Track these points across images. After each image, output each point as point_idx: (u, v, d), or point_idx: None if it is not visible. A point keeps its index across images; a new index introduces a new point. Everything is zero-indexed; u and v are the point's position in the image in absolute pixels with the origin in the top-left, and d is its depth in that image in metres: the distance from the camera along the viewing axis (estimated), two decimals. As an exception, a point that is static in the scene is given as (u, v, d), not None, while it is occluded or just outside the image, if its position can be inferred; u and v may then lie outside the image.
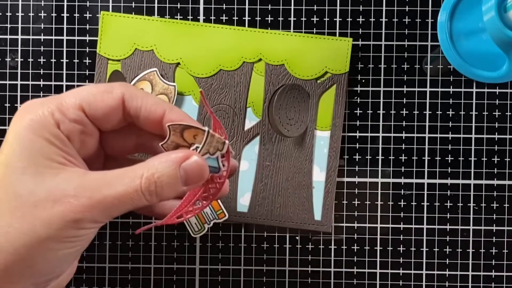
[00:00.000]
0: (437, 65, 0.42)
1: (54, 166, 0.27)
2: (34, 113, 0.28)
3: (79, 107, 0.29)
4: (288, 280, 0.42)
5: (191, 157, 0.28)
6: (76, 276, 0.42)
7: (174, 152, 0.28)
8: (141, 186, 0.27)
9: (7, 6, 0.42)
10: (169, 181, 0.27)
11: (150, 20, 0.42)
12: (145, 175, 0.27)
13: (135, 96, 0.30)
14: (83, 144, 0.30)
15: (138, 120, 0.31)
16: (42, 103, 0.29)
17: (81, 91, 0.30)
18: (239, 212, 0.42)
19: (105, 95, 0.29)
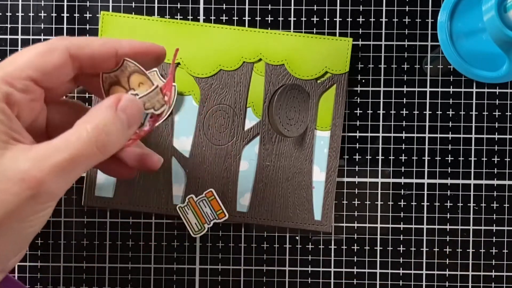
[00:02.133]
0: (437, 65, 0.42)
1: None
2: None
3: (27, 77, 0.27)
4: (288, 280, 0.42)
5: (122, 97, 0.28)
6: (76, 276, 0.42)
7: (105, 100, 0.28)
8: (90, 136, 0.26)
9: (7, 6, 0.42)
10: (114, 127, 0.27)
11: (150, 20, 0.42)
12: (89, 126, 0.26)
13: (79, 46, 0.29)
14: (31, 112, 0.28)
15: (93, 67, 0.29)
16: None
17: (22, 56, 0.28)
18: (239, 212, 0.42)
19: (50, 54, 0.28)
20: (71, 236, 0.42)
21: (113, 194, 0.42)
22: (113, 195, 0.42)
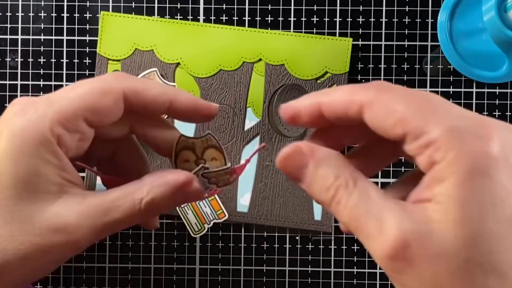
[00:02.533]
0: (437, 65, 0.42)
1: (53, 190, 0.25)
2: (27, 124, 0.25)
3: (80, 117, 0.26)
4: (288, 280, 0.42)
5: (192, 184, 0.27)
6: (76, 276, 0.42)
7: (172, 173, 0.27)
8: (141, 210, 0.26)
9: (7, 6, 0.42)
10: (166, 204, 0.27)
11: (150, 20, 0.42)
12: (145, 200, 0.26)
13: (136, 92, 0.28)
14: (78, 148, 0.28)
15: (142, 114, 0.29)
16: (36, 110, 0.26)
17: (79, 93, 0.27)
18: (239, 212, 0.42)
19: (105, 97, 0.27)
20: (71, 236, 0.42)
21: (113, 194, 0.42)
22: (113, 195, 0.42)
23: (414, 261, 0.21)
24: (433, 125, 0.21)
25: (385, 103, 0.23)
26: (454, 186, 0.21)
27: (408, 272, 0.21)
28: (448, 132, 0.21)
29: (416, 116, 0.22)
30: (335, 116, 0.24)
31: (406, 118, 0.22)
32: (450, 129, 0.21)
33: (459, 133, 0.21)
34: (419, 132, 0.22)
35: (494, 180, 0.21)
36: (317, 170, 0.24)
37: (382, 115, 0.23)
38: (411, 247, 0.21)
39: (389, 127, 0.22)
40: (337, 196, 0.23)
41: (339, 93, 0.24)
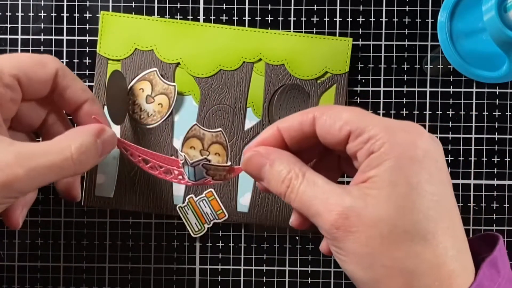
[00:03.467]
0: (437, 65, 0.42)
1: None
2: None
3: (15, 75, 0.30)
4: (288, 280, 0.42)
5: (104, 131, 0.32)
6: (76, 276, 0.42)
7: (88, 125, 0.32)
8: (72, 156, 0.29)
9: (7, 6, 0.42)
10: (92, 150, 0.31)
11: (150, 20, 0.42)
12: (74, 145, 0.29)
13: (67, 75, 0.33)
14: (8, 111, 0.31)
15: (61, 98, 0.33)
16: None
17: (17, 58, 0.31)
18: (239, 212, 0.42)
19: (41, 68, 0.31)
20: (71, 236, 0.42)
21: (113, 194, 0.42)
22: (113, 195, 0.42)
23: (353, 229, 0.25)
24: (372, 125, 0.26)
25: (332, 113, 0.28)
26: (386, 169, 0.25)
27: (348, 238, 0.25)
28: (384, 129, 0.26)
29: (358, 119, 0.27)
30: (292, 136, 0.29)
31: (350, 121, 0.27)
32: (385, 127, 0.26)
33: (393, 130, 0.26)
34: (361, 131, 0.27)
35: (421, 165, 0.25)
36: (273, 168, 0.29)
37: (331, 121, 0.28)
38: (350, 217, 0.25)
39: (337, 130, 0.27)
40: (290, 186, 0.28)
41: (295, 115, 0.29)
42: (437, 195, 0.25)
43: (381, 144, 0.26)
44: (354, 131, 0.27)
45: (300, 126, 0.29)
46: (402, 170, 0.25)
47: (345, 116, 0.27)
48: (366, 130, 0.26)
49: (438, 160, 0.26)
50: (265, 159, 0.29)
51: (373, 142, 0.26)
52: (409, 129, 0.27)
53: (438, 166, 0.26)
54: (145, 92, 0.42)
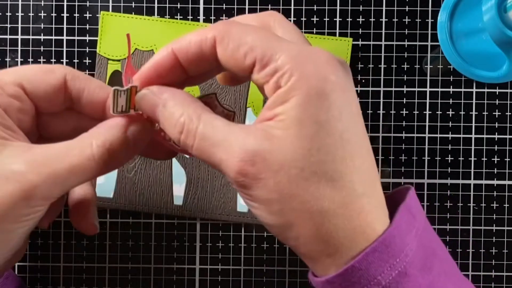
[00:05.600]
0: (437, 65, 0.42)
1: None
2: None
3: (18, 84, 0.28)
4: (288, 280, 0.42)
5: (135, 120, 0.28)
6: (76, 276, 0.42)
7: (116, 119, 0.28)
8: (94, 156, 0.26)
9: (7, 6, 0.42)
10: (119, 148, 0.27)
11: (150, 20, 0.42)
12: (95, 143, 0.26)
13: (77, 77, 0.29)
14: (20, 123, 0.28)
15: (80, 103, 0.30)
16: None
17: (21, 69, 0.29)
18: (239, 212, 0.42)
19: (47, 74, 0.29)
20: (71, 236, 0.42)
21: (113, 194, 0.42)
22: (113, 195, 0.42)
23: (260, 175, 0.24)
24: (279, 53, 0.24)
25: (235, 35, 0.25)
26: (294, 106, 0.23)
27: (256, 185, 0.24)
28: (292, 59, 0.24)
29: (264, 45, 0.24)
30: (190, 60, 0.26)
31: (255, 48, 0.24)
32: (293, 56, 0.24)
33: (301, 59, 0.24)
34: (267, 61, 0.24)
35: (330, 100, 0.24)
36: (165, 109, 0.26)
37: (233, 46, 0.24)
38: (256, 163, 0.23)
39: (240, 58, 0.24)
40: (184, 132, 0.25)
41: (190, 35, 0.26)
42: (346, 132, 0.24)
43: (288, 78, 0.24)
44: (260, 59, 0.24)
45: (199, 49, 0.25)
46: (310, 107, 0.23)
47: (250, 40, 0.24)
48: (273, 59, 0.24)
49: (347, 91, 0.24)
50: (158, 98, 0.26)
51: (280, 75, 0.24)
52: (317, 58, 0.24)
53: (348, 99, 0.24)
54: (145, 92, 0.42)
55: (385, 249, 0.24)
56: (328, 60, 0.24)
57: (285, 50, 0.24)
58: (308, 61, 0.24)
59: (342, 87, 0.24)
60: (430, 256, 0.26)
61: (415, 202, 0.27)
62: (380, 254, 0.24)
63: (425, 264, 0.25)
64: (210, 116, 0.25)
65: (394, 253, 0.24)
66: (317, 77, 0.24)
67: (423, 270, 0.25)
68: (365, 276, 0.24)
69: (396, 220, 0.25)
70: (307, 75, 0.24)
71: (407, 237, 0.25)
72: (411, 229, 0.25)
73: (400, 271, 0.24)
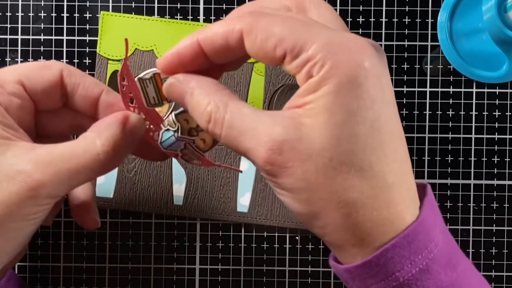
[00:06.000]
0: (437, 65, 0.42)
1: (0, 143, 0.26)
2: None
3: (18, 81, 0.28)
4: (288, 280, 0.42)
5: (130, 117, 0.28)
6: (76, 276, 0.42)
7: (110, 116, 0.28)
8: (99, 154, 0.26)
9: (7, 6, 0.42)
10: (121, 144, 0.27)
11: (150, 20, 0.42)
12: (100, 141, 0.27)
13: (73, 73, 0.30)
14: (19, 121, 0.29)
15: (74, 99, 0.30)
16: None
17: (19, 66, 0.29)
18: (239, 212, 0.42)
19: (44, 70, 0.29)
20: (71, 236, 0.42)
21: (113, 194, 0.42)
22: (113, 195, 0.42)
23: (288, 164, 0.23)
24: (310, 43, 0.23)
25: (263, 28, 0.24)
26: (324, 94, 0.23)
27: (283, 173, 0.24)
28: (324, 48, 0.23)
29: (294, 36, 0.23)
30: (216, 51, 0.26)
31: (284, 39, 0.24)
32: (325, 45, 0.23)
33: (333, 48, 0.23)
34: (298, 51, 0.23)
35: (362, 88, 0.23)
36: (192, 98, 0.26)
37: (261, 39, 0.24)
38: (284, 152, 0.23)
39: (270, 50, 0.24)
40: (212, 120, 0.25)
41: (217, 26, 0.25)
42: (378, 121, 0.23)
43: (320, 67, 0.23)
44: (290, 50, 0.24)
45: (225, 41, 0.25)
46: (341, 95, 0.23)
47: (278, 31, 0.24)
48: (304, 49, 0.23)
49: (381, 78, 0.24)
50: (185, 87, 0.26)
51: (312, 64, 0.23)
52: (351, 45, 0.24)
53: (381, 86, 0.24)
54: (145, 92, 0.42)
55: (407, 245, 0.24)
56: (362, 47, 0.24)
57: (316, 38, 0.23)
58: (341, 49, 0.23)
59: (376, 75, 0.24)
60: (455, 252, 0.25)
61: (434, 198, 0.26)
62: (401, 249, 0.24)
63: (450, 261, 0.25)
64: (238, 103, 0.25)
65: (417, 249, 0.24)
66: (350, 65, 0.23)
67: (447, 266, 0.24)
68: (383, 271, 0.24)
69: (422, 215, 0.24)
70: (339, 64, 0.23)
71: (432, 232, 0.24)
72: (436, 224, 0.25)
73: (421, 268, 0.24)
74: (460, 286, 0.24)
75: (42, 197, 0.26)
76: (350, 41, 0.24)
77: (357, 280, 0.25)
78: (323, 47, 0.23)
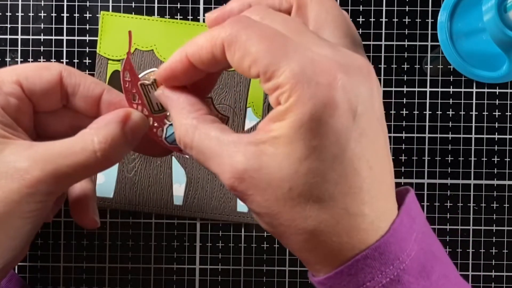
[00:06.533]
0: (437, 65, 0.42)
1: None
2: None
3: (16, 81, 0.28)
4: (288, 280, 0.42)
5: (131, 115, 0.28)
6: (76, 276, 0.42)
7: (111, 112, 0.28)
8: (96, 152, 0.26)
9: (7, 6, 0.42)
10: (119, 142, 0.27)
11: (150, 20, 0.42)
12: (97, 139, 0.27)
13: (73, 73, 0.30)
14: (17, 121, 0.29)
15: (75, 99, 0.30)
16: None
17: (18, 67, 0.29)
18: (239, 212, 0.42)
19: (43, 71, 0.29)
20: (71, 236, 0.42)
21: (113, 194, 0.42)
22: (113, 195, 0.42)
23: (248, 192, 0.24)
24: (282, 69, 0.23)
25: (241, 45, 0.24)
26: (288, 127, 0.23)
27: (247, 200, 0.25)
28: (293, 78, 0.23)
29: (268, 59, 0.23)
30: (205, 64, 0.26)
31: (258, 61, 0.23)
32: (295, 75, 0.23)
33: (302, 80, 0.23)
34: (269, 76, 0.23)
35: (326, 126, 0.23)
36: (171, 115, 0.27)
37: (239, 56, 0.24)
38: (245, 181, 0.24)
39: (245, 69, 0.24)
40: (181, 143, 0.26)
41: (201, 40, 0.26)
42: (342, 155, 0.23)
43: (287, 98, 0.23)
44: (263, 73, 0.24)
45: (211, 55, 0.25)
46: (302, 131, 0.23)
47: (254, 51, 0.23)
48: (275, 75, 0.23)
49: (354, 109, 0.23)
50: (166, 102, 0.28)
51: (280, 93, 0.23)
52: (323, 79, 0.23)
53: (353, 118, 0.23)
54: (145, 92, 0.42)
55: (379, 256, 0.24)
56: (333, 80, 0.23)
57: (289, 65, 0.23)
58: (310, 82, 0.23)
59: (347, 108, 0.23)
60: (430, 259, 0.25)
61: (414, 204, 0.26)
62: (372, 260, 0.24)
63: (424, 269, 0.25)
64: (207, 127, 0.26)
65: (388, 260, 0.24)
66: (315, 102, 0.23)
67: (421, 276, 0.24)
68: (354, 281, 0.24)
69: (395, 226, 0.24)
70: (305, 99, 0.23)
71: (405, 242, 0.24)
72: (412, 233, 0.25)
73: (392, 278, 0.24)
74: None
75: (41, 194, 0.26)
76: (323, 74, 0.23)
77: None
78: (292, 77, 0.23)
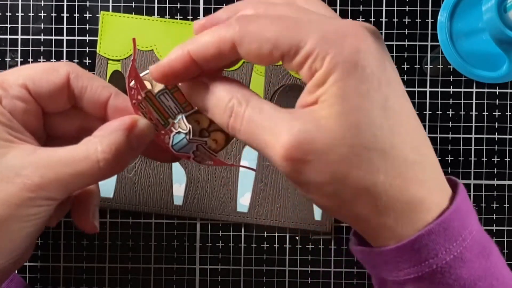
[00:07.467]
0: (437, 65, 0.42)
1: (1, 145, 0.26)
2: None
3: (22, 85, 0.28)
4: (288, 280, 0.42)
5: (136, 124, 0.28)
6: (76, 276, 0.42)
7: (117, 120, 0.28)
8: (99, 162, 0.26)
9: (7, 6, 0.42)
10: (124, 150, 0.27)
11: (150, 20, 0.42)
12: (101, 147, 0.26)
13: (80, 76, 0.29)
14: (26, 124, 0.28)
15: (82, 102, 0.30)
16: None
17: (25, 68, 0.29)
18: (239, 212, 0.42)
19: (50, 73, 0.29)
20: (71, 236, 0.42)
21: (113, 194, 0.42)
22: (113, 195, 0.42)
23: (308, 157, 0.23)
24: (305, 39, 0.23)
25: (254, 35, 0.24)
26: (333, 84, 0.23)
27: (306, 169, 0.23)
28: (320, 41, 0.23)
29: (287, 38, 0.23)
30: (209, 60, 0.26)
31: (278, 43, 0.24)
32: (320, 38, 0.23)
33: (329, 39, 0.23)
34: (295, 51, 0.23)
35: (367, 71, 0.23)
36: (214, 95, 0.26)
37: (256, 47, 0.24)
38: (304, 146, 0.23)
39: (266, 56, 0.24)
40: (233, 115, 0.25)
41: (206, 37, 0.26)
42: (388, 101, 0.23)
43: (322, 60, 0.23)
44: (287, 52, 0.24)
45: (218, 50, 0.25)
46: (349, 81, 0.23)
47: (271, 36, 0.24)
48: (301, 47, 0.23)
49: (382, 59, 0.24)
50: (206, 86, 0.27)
51: (313, 60, 0.23)
52: (346, 32, 0.24)
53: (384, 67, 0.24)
54: (145, 92, 0.42)
55: (443, 231, 0.23)
56: (357, 32, 0.24)
57: (310, 34, 0.23)
58: (336, 38, 0.23)
59: (376, 56, 0.24)
60: (488, 241, 0.25)
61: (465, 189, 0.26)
62: (436, 236, 0.23)
63: (484, 249, 0.24)
64: (259, 100, 0.25)
65: (452, 236, 0.24)
66: (349, 51, 0.23)
67: (481, 255, 0.24)
68: (417, 257, 0.24)
69: (457, 202, 0.24)
70: (339, 52, 0.23)
71: (466, 220, 0.24)
72: (471, 211, 0.25)
73: (455, 255, 0.24)
74: (492, 276, 0.24)
75: (41, 199, 0.26)
76: (343, 28, 0.24)
77: (390, 263, 0.25)
78: (318, 40, 0.23)
